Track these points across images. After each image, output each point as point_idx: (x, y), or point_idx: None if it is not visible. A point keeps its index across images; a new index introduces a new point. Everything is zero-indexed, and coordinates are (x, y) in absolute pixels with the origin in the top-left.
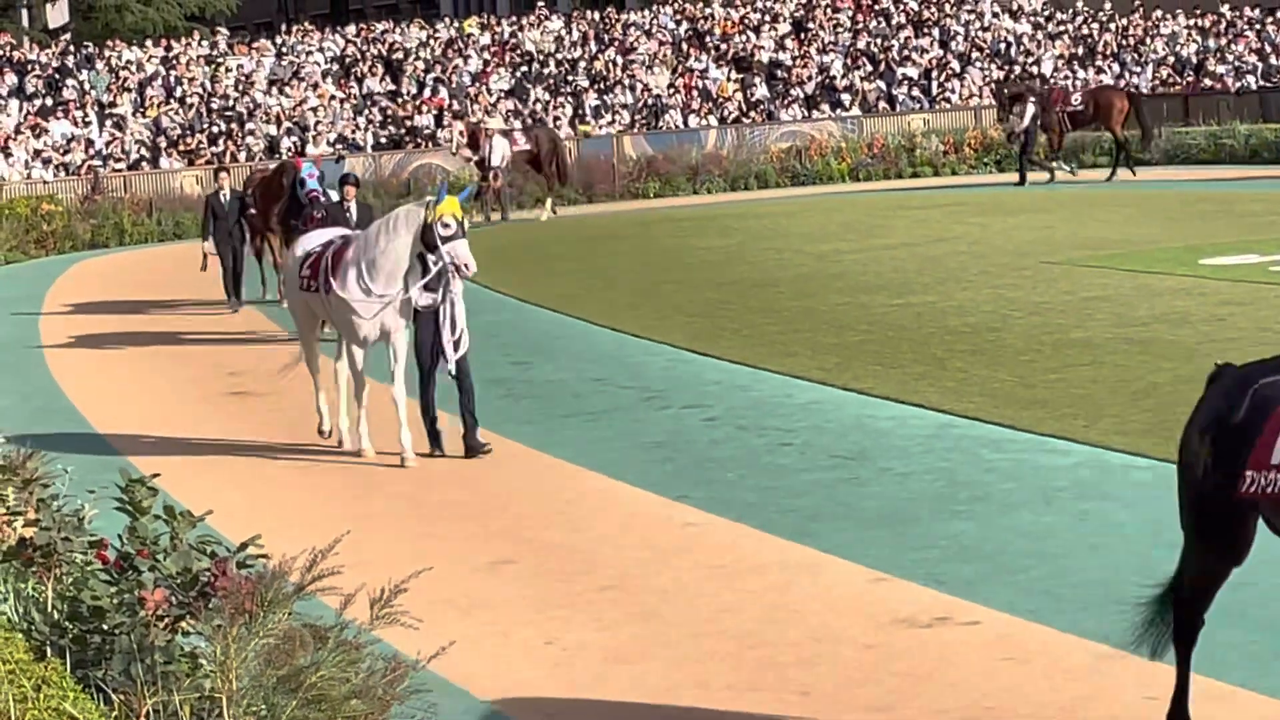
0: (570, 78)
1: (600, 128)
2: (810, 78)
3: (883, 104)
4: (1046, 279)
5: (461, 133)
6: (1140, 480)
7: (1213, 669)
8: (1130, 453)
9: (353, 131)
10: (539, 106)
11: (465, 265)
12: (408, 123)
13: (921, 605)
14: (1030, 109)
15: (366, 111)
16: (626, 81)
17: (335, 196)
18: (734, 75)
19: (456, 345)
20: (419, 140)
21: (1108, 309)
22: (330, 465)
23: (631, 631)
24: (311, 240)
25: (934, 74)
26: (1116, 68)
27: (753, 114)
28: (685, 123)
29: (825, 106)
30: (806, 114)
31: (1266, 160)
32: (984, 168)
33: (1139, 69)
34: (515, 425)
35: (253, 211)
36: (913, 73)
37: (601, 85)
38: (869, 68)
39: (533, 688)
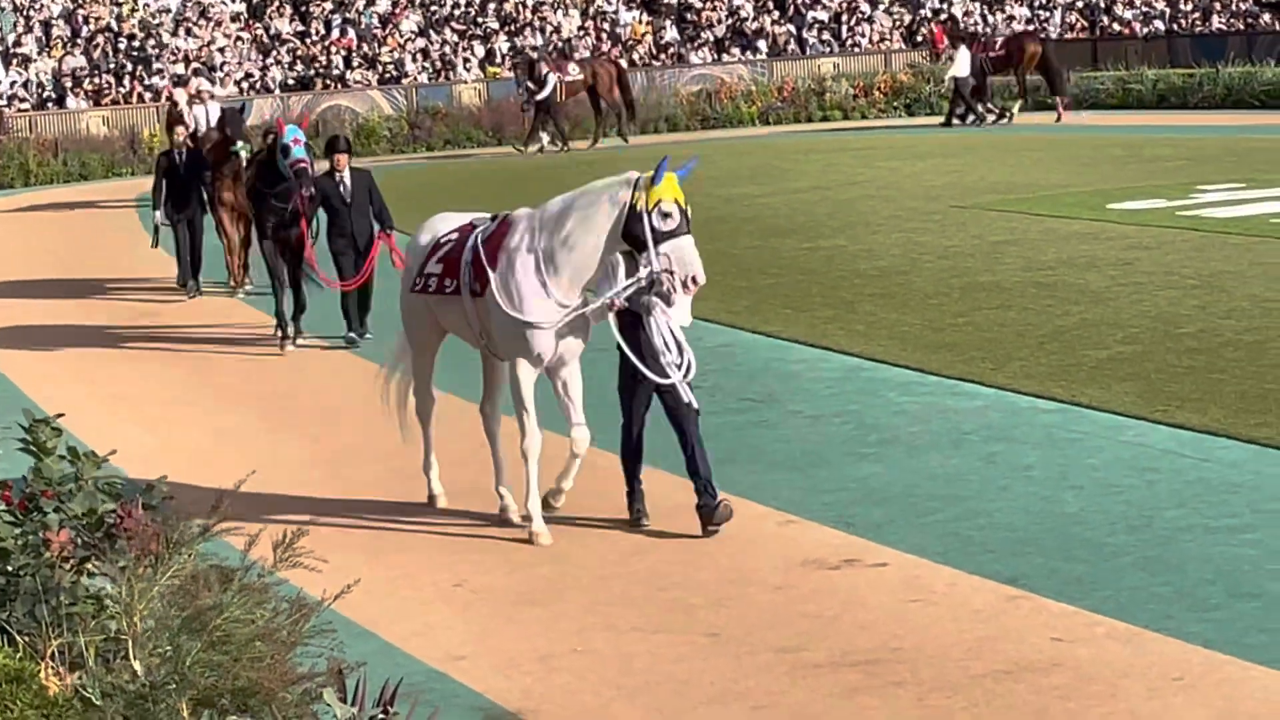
0: (480, 19)
1: (510, 70)
2: (720, 20)
3: (792, 47)
4: (956, 223)
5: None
6: (1048, 423)
7: (1119, 612)
8: (1038, 395)
9: (261, 71)
10: (448, 49)
11: (692, 276)
12: (316, 63)
13: (830, 547)
14: (964, 54)
15: (274, 52)
16: (536, 23)
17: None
18: (644, 18)
19: (685, 369)
20: (328, 81)
21: (1016, 253)
22: (239, 408)
23: (541, 574)
24: (438, 225)
25: (844, 18)
26: (1026, 11)
27: (662, 57)
28: None
29: (735, 50)
30: (716, 57)
31: (1174, 106)
32: (894, 111)
33: (1047, 13)
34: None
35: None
36: (823, 16)
37: (511, 27)
38: (778, 11)
39: (441, 629)
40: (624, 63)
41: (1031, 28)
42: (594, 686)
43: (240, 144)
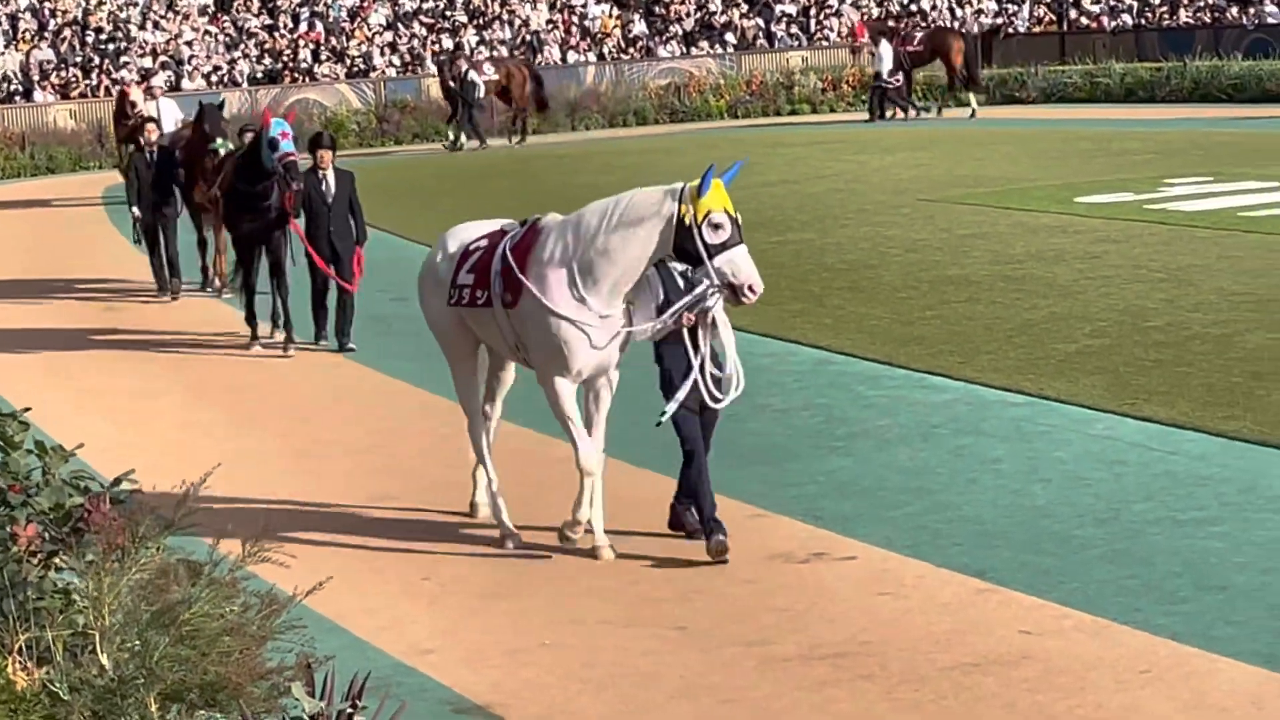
0: (448, 13)
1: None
2: (689, 14)
3: (761, 41)
4: (924, 216)
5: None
6: (1016, 416)
7: (1087, 604)
8: (1006, 389)
9: (229, 65)
10: (416, 43)
11: (749, 286)
12: (284, 57)
13: (799, 541)
14: (886, 49)
15: (242, 45)
16: (505, 17)
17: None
18: (613, 11)
19: (722, 384)
20: (296, 75)
21: (984, 246)
22: (208, 402)
23: (509, 568)
24: (468, 232)
25: (812, 11)
26: (994, 5)
27: (631, 50)
28: (564, 59)
29: (704, 43)
30: (685, 51)
31: (1142, 99)
32: (862, 105)
33: (1016, 6)
34: (394, 361)
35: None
36: (791, 9)
37: (480, 21)
38: (747, 5)
39: (409, 623)
40: (537, 62)
41: (955, 24)
42: (561, 680)
43: (220, 140)
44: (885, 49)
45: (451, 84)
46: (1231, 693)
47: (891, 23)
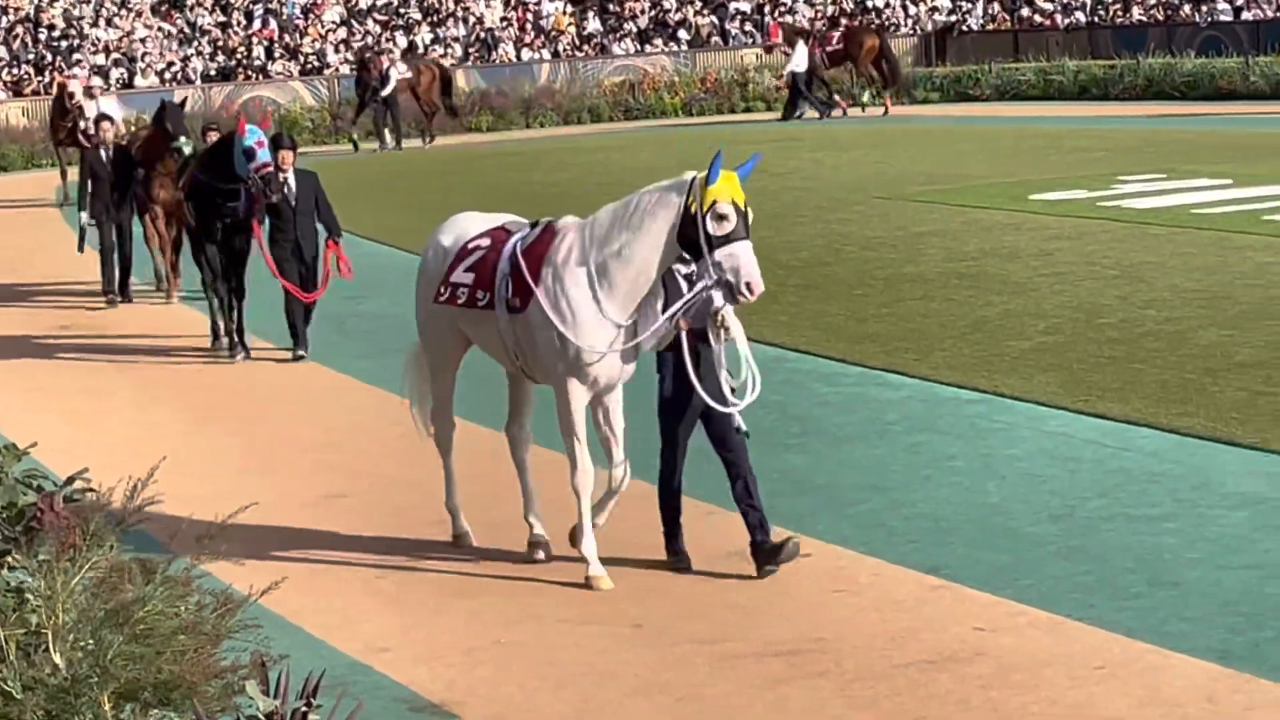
0: (403, 10)
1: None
2: (643, 11)
3: (716, 39)
4: (878, 214)
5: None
6: (970, 413)
7: (1041, 601)
8: (961, 386)
9: (182, 62)
10: (370, 39)
11: (747, 284)
12: (238, 54)
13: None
14: (801, 49)
15: (196, 42)
16: (460, 14)
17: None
18: (567, 9)
19: (738, 392)
20: (249, 72)
21: (939, 244)
22: (162, 400)
23: (465, 566)
24: (465, 225)
25: (767, 9)
26: (948, 3)
27: (586, 47)
28: (518, 56)
29: (659, 41)
30: (640, 48)
31: (1095, 97)
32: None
33: (970, 4)
34: (348, 359)
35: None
36: (745, 6)
37: (434, 18)
38: (702, 2)
39: (365, 621)
40: (448, 64)
41: (869, 21)
42: (518, 678)
43: (182, 139)
44: (800, 49)
45: (373, 83)
46: (1185, 688)
47: (807, 23)
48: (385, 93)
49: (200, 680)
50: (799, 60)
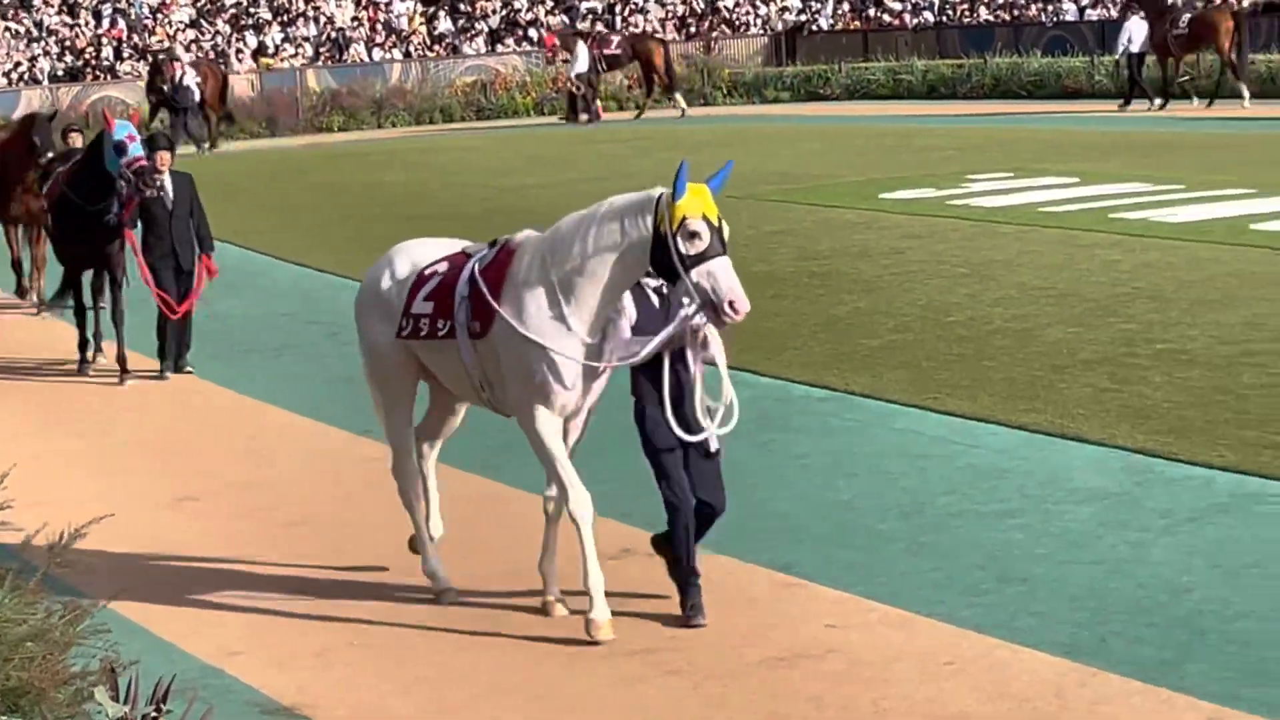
0: (253, 10)
1: (283, 61)
2: (495, 11)
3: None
4: (729, 213)
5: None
6: (822, 411)
7: (891, 597)
8: (812, 384)
9: (30, 62)
10: (220, 39)
11: (730, 303)
12: (86, 54)
13: (606, 538)
14: (583, 51)
15: (43, 42)
16: (310, 14)
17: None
18: (418, 9)
19: (716, 415)
20: (98, 72)
21: (790, 243)
22: (7, 401)
23: (317, 568)
24: (419, 252)
25: (618, 8)
26: (798, 3)
27: (437, 48)
28: (370, 56)
29: (510, 40)
30: (491, 48)
31: (943, 96)
32: (667, 102)
33: (819, 4)
34: (199, 361)
35: None
36: (596, 5)
37: (285, 18)
38: (553, 2)
39: (216, 625)
40: (223, 69)
41: (652, 29)
42: (371, 680)
43: (49, 155)
44: (581, 50)
45: (165, 87)
46: (1033, 683)
47: (583, 26)
48: (190, 98)
49: (49, 687)
50: (580, 62)
